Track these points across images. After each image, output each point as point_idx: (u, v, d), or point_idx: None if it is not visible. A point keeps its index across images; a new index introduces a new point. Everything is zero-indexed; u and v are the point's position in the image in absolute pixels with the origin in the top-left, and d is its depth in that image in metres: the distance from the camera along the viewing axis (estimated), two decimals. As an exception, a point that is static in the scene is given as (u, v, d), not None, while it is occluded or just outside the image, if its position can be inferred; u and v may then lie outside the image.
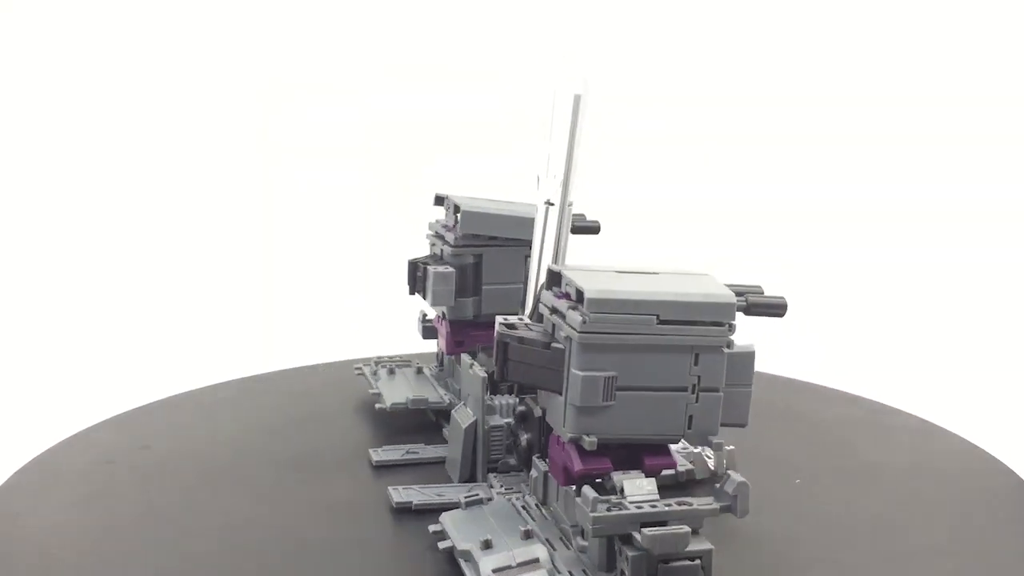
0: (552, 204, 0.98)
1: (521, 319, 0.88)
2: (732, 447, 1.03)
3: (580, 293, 0.80)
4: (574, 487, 0.80)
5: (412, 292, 1.19)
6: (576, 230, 1.20)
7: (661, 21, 2.06)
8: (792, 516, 0.98)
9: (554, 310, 0.83)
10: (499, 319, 0.86)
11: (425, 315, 1.26)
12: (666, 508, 0.76)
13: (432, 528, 0.88)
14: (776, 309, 0.85)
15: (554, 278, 0.85)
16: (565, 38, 1.01)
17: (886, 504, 1.01)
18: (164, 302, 1.92)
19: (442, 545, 0.86)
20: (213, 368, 1.39)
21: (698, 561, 0.76)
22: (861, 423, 1.23)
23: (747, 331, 0.83)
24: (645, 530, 0.74)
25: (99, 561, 0.89)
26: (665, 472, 0.98)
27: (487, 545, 0.82)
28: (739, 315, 0.83)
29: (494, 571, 0.79)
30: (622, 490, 0.78)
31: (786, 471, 1.07)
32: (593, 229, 1.21)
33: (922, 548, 0.93)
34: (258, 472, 1.06)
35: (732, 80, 2.10)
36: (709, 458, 1.03)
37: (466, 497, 0.91)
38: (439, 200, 1.22)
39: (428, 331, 1.25)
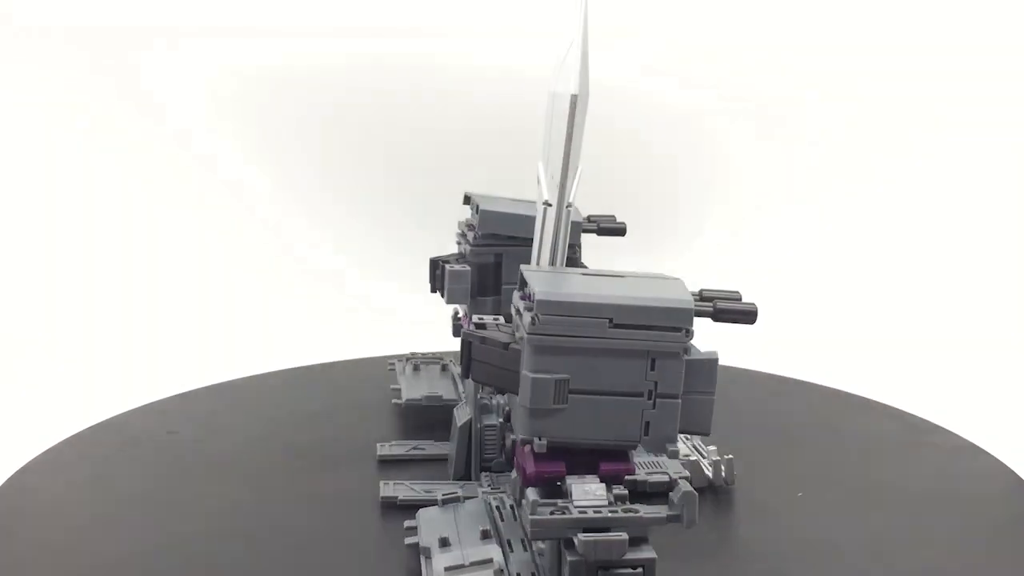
0: (550, 205, 0.98)
1: (496, 319, 0.88)
2: (731, 456, 1.01)
3: (533, 295, 0.79)
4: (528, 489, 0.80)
5: (433, 290, 1.20)
6: (602, 231, 1.20)
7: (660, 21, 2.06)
8: (784, 528, 0.95)
9: (517, 311, 0.83)
10: (474, 318, 0.87)
11: (457, 313, 1.27)
12: (609, 514, 0.75)
13: (407, 523, 0.89)
14: (745, 316, 0.83)
15: (521, 280, 0.85)
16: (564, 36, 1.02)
17: (887, 518, 0.97)
18: (209, 293, 1.95)
19: (408, 541, 0.87)
20: (268, 357, 1.45)
21: (640, 570, 0.75)
22: (889, 438, 1.19)
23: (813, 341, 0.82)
24: (581, 535, 0.74)
25: (91, 530, 0.94)
26: (656, 479, 0.98)
27: (444, 543, 0.83)
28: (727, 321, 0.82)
29: (446, 569, 0.79)
30: (570, 494, 0.77)
31: (794, 483, 1.04)
32: (619, 231, 1.20)
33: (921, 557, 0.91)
34: (268, 460, 1.09)
35: (731, 79, 2.08)
36: (708, 468, 1.01)
37: (444, 495, 0.92)
38: (467, 199, 1.23)
39: (458, 329, 1.26)
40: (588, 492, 0.77)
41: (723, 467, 1.00)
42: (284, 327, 1.87)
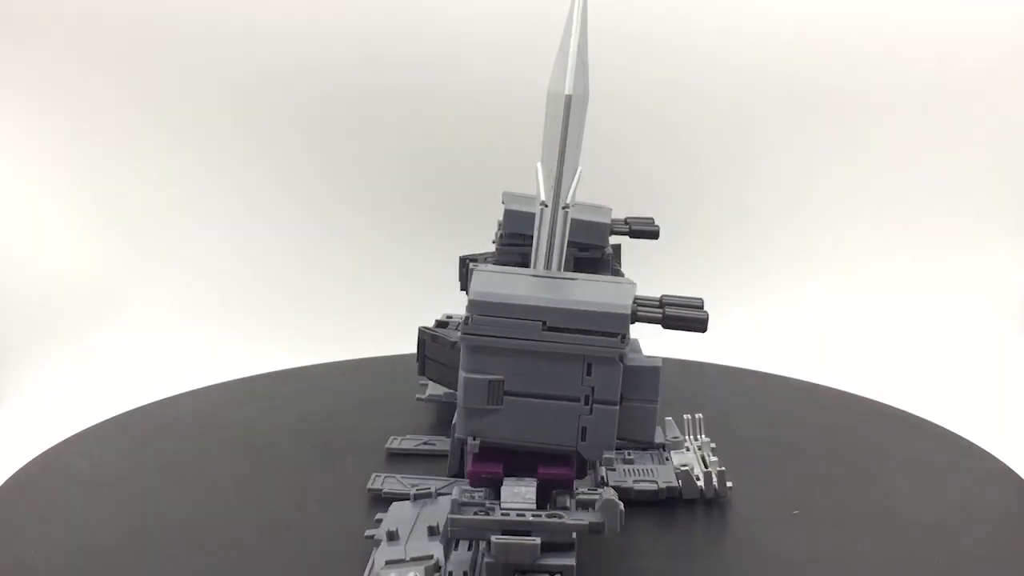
0: (546, 206, 0.97)
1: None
2: (723, 468, 0.98)
3: None
4: None
5: (462, 288, 1.21)
6: (635, 234, 1.18)
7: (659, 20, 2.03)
8: (767, 547, 0.92)
9: None
10: (441, 315, 0.88)
11: None
12: (531, 519, 0.75)
13: (378, 516, 0.91)
14: (694, 324, 0.81)
15: (466, 278, 0.85)
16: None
17: (882, 542, 0.93)
18: (264, 286, 1.98)
19: (367, 532, 0.88)
20: (313, 351, 1.48)
21: (557, 575, 0.74)
22: (909, 453, 1.14)
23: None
24: (493, 537, 0.73)
25: (95, 493, 1.01)
26: (642, 487, 0.96)
27: (392, 536, 0.84)
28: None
29: (387, 562, 0.81)
30: (499, 495, 0.77)
31: (795, 497, 1.01)
32: (651, 233, 1.18)
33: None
34: (282, 449, 1.12)
35: (731, 77, 2.05)
36: (698, 479, 0.98)
37: (417, 490, 0.93)
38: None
39: None
40: (517, 495, 0.76)
41: (715, 479, 0.97)
42: (329, 323, 1.90)
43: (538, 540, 0.73)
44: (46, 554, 0.90)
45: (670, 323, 0.80)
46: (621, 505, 0.75)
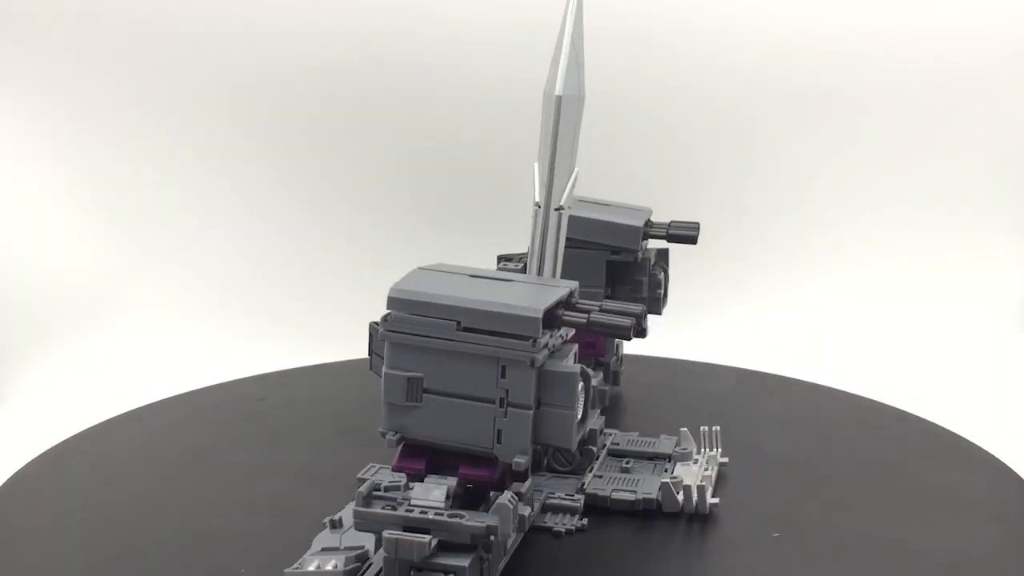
0: (540, 207, 0.97)
1: None
2: (702, 484, 0.95)
3: None
4: None
5: None
6: (672, 238, 1.15)
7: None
8: (729, 569, 0.88)
9: None
10: None
11: None
12: (431, 517, 0.75)
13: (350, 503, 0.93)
14: (618, 330, 0.78)
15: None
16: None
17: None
18: (264, 286, 1.98)
19: (325, 519, 0.90)
20: (324, 350, 1.48)
21: (450, 574, 0.74)
22: (919, 466, 1.09)
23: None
24: (385, 533, 0.74)
25: (94, 494, 1.03)
26: (619, 496, 0.94)
27: (334, 524, 0.86)
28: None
29: (322, 548, 0.83)
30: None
31: (786, 521, 0.96)
32: (688, 238, 1.15)
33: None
34: (283, 449, 1.12)
35: (730, 76, 2.02)
36: (679, 492, 0.95)
37: (389, 482, 0.94)
38: None
39: None
40: (427, 492, 0.77)
41: (694, 494, 0.94)
42: (329, 323, 1.86)
43: (427, 539, 0.73)
44: (46, 554, 0.91)
45: (593, 327, 0.79)
46: (516, 508, 0.74)
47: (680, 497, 0.94)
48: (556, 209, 0.98)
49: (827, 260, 2.00)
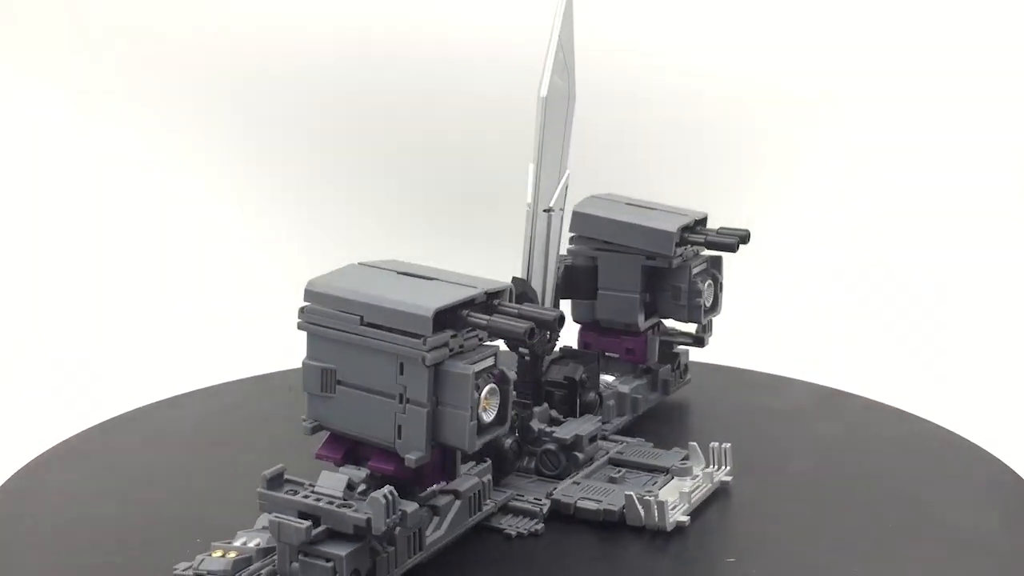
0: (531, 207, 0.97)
1: None
2: (663, 500, 0.91)
3: None
4: None
5: None
6: (711, 245, 1.12)
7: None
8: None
9: None
10: None
11: None
12: (321, 504, 0.77)
13: None
14: (511, 335, 0.77)
15: None
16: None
17: None
18: (264, 285, 1.94)
19: None
20: None
21: (331, 563, 0.76)
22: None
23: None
24: (270, 516, 0.77)
25: (94, 494, 1.02)
26: (583, 505, 0.93)
27: None
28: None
29: (262, 527, 0.86)
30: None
31: (747, 545, 0.91)
32: (727, 246, 1.11)
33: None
34: (284, 448, 1.01)
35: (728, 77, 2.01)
36: (642, 506, 0.91)
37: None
38: None
39: None
40: (330, 480, 0.79)
41: (655, 509, 0.90)
42: None
43: (305, 524, 0.75)
44: (45, 555, 0.90)
45: (491, 332, 0.78)
46: (393, 503, 0.75)
47: (642, 512, 0.91)
48: (545, 210, 0.98)
49: (827, 259, 1.94)
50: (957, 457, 1.11)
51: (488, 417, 0.80)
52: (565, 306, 1.13)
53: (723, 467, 1.01)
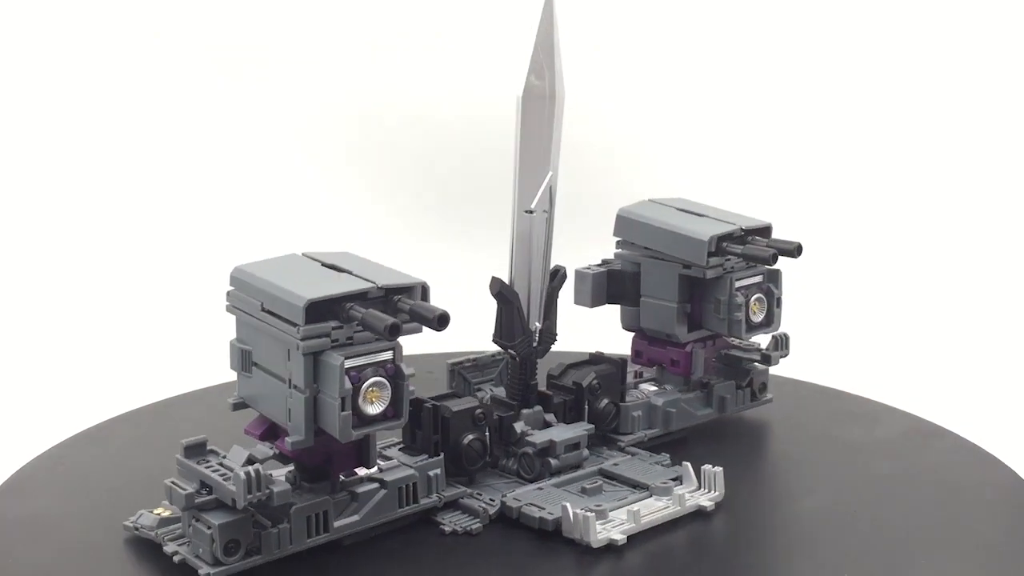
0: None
1: None
2: (591, 514, 0.87)
3: None
4: None
5: None
6: (746, 257, 1.05)
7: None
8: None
9: None
10: None
11: None
12: (211, 475, 0.82)
13: None
14: (373, 330, 0.78)
15: None
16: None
17: None
18: None
19: None
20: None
21: (211, 530, 0.81)
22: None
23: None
24: (168, 480, 0.83)
25: (94, 494, 1.02)
26: (526, 511, 0.92)
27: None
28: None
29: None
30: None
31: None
32: (760, 258, 1.04)
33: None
34: None
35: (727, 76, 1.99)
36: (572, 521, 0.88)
37: None
38: None
39: None
40: (235, 454, 0.84)
41: (581, 523, 0.87)
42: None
43: (188, 490, 0.80)
44: (45, 556, 0.90)
45: (363, 325, 0.79)
46: (258, 480, 0.78)
47: (572, 525, 0.89)
48: (527, 211, 0.97)
49: (828, 260, 1.81)
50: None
51: (373, 409, 0.82)
52: (608, 311, 1.12)
53: (711, 491, 0.95)
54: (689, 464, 0.97)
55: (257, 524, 0.83)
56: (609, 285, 1.13)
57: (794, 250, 1.05)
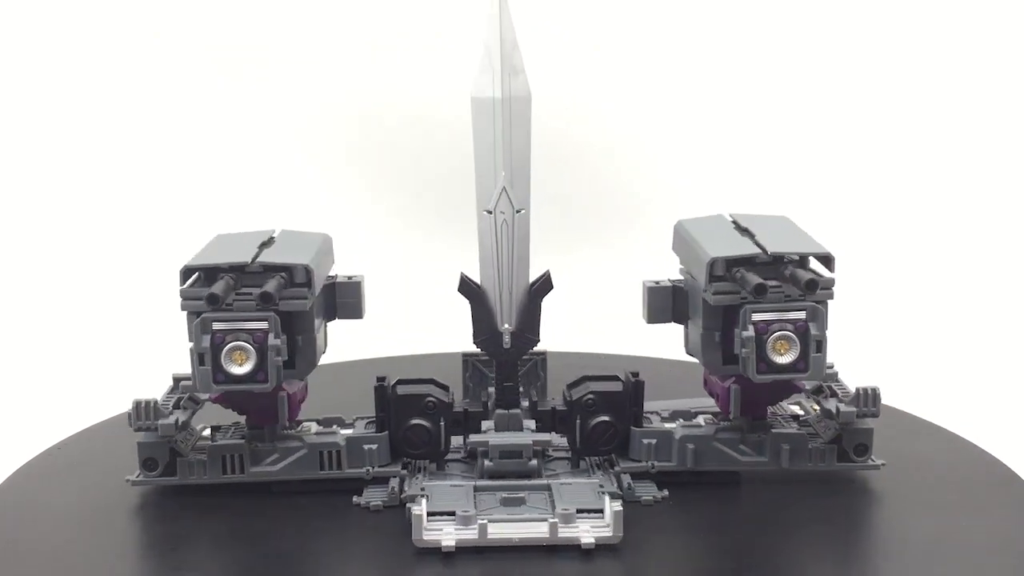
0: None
1: None
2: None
3: None
4: None
5: None
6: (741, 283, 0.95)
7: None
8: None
9: None
10: None
11: None
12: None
13: None
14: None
15: None
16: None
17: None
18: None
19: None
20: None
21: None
22: None
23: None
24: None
25: (94, 495, 1.02)
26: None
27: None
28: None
29: None
30: None
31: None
32: (755, 288, 0.92)
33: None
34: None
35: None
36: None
37: None
38: None
39: None
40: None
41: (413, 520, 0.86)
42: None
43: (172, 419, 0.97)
44: (44, 556, 0.91)
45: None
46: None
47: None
48: (487, 211, 0.97)
49: None
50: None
51: (240, 370, 0.91)
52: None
53: (606, 528, 0.88)
54: (609, 499, 0.90)
55: (176, 452, 0.99)
56: (675, 302, 1.05)
57: (804, 284, 0.89)
